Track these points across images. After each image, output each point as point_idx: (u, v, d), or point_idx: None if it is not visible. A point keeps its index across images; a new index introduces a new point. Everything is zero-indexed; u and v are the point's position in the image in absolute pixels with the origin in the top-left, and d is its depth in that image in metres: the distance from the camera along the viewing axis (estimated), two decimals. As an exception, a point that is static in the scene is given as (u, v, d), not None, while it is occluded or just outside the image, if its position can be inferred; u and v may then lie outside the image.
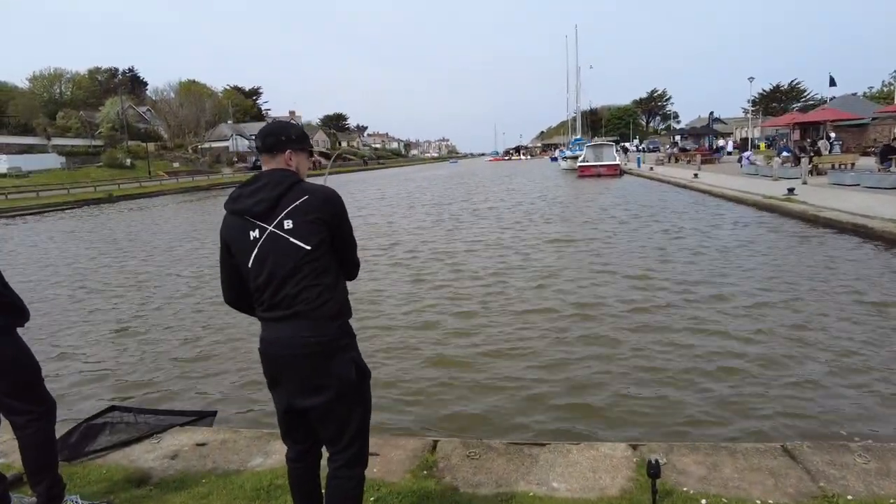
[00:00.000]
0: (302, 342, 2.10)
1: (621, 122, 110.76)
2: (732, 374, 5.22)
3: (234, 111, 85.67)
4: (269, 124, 2.35)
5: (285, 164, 2.23)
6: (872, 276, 8.31)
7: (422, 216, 20.24)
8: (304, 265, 2.09)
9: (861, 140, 38.80)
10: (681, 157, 44.03)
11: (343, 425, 2.23)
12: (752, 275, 8.85)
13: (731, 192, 20.04)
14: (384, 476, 3.17)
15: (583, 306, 7.60)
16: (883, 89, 53.03)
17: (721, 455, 3.28)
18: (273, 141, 2.22)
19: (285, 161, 2.23)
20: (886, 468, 3.03)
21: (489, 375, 5.49)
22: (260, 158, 2.27)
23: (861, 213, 12.83)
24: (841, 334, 6.04)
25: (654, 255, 10.77)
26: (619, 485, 3.03)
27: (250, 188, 2.16)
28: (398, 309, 7.95)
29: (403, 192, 33.82)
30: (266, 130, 2.27)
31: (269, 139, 2.23)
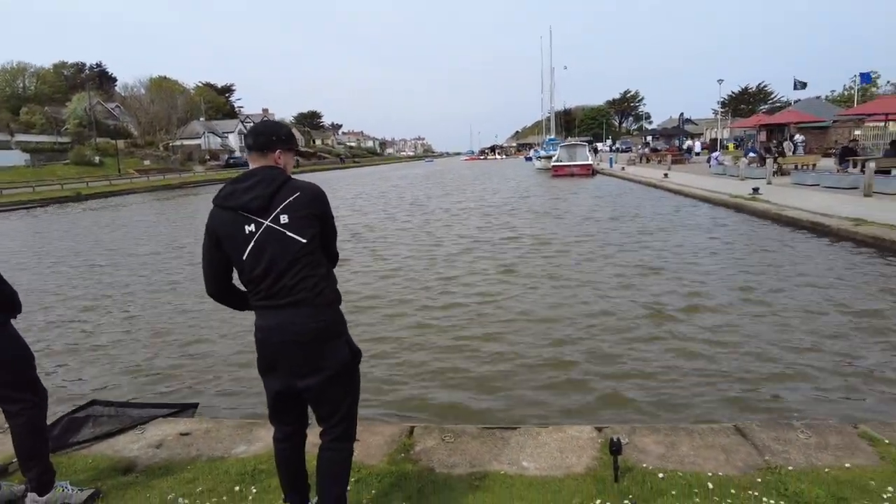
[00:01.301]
0: (303, 328, 2.27)
1: (595, 122, 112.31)
2: (696, 357, 5.52)
3: (207, 108, 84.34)
4: (260, 123, 2.48)
5: (274, 162, 2.37)
6: (827, 269, 8.75)
7: (404, 215, 20.36)
8: (301, 257, 2.26)
9: (823, 142, 40.16)
10: (652, 157, 44.90)
11: (336, 404, 2.43)
12: (715, 268, 9.24)
13: (700, 191, 20.62)
14: (364, 459, 3.34)
15: (556, 307, 7.86)
16: (844, 93, 54.88)
17: (679, 435, 3.53)
18: (264, 140, 2.36)
19: (274, 159, 2.37)
20: (825, 442, 3.32)
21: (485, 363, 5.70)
22: (247, 155, 2.42)
23: (820, 211, 13.39)
24: (799, 320, 6.40)
25: (627, 248, 11.12)
26: (584, 463, 3.25)
27: (244, 185, 2.28)
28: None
29: (387, 190, 33.86)
30: (257, 130, 2.41)
31: (260, 138, 2.36)
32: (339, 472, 2.49)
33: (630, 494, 2.85)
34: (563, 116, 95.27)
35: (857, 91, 46.91)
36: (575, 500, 2.86)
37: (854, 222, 11.52)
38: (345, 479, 2.52)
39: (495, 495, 2.94)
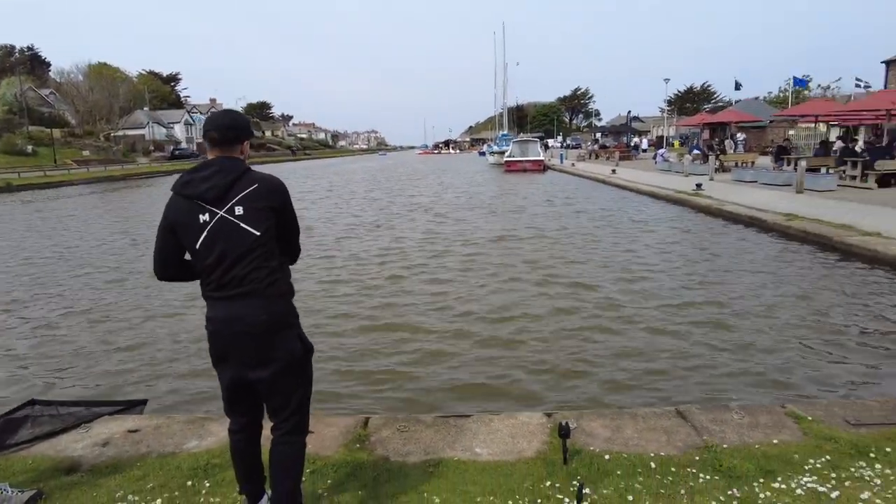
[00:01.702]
0: (254, 319, 2.27)
1: (546, 118, 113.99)
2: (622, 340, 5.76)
3: (151, 98, 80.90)
4: (222, 117, 2.42)
5: (238, 154, 2.38)
6: (762, 260, 9.26)
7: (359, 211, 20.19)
8: (254, 249, 2.25)
9: (761, 140, 42.14)
10: (601, 153, 46.04)
11: (287, 396, 2.43)
12: (658, 260, 9.62)
13: (646, 186, 21.32)
14: (319, 451, 3.35)
15: (503, 308, 8.01)
16: (779, 94, 57.60)
17: (624, 419, 3.70)
18: (234, 135, 2.36)
19: (240, 150, 2.39)
20: (756, 421, 3.55)
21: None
22: (209, 148, 2.37)
23: (757, 207, 14.11)
24: (734, 305, 6.76)
25: (578, 243, 11.42)
26: (535, 448, 3.37)
27: (202, 174, 2.28)
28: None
29: (340, 184, 33.44)
30: (224, 123, 2.36)
31: (230, 132, 2.35)
32: (292, 466, 2.49)
33: (578, 475, 2.98)
34: (516, 112, 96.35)
35: (791, 93, 49.37)
36: (526, 482, 2.96)
37: (787, 217, 12.20)
38: (298, 473, 2.52)
39: (449, 481, 3.01)
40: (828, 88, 55.54)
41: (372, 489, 2.95)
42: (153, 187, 34.78)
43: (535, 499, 2.82)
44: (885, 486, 2.84)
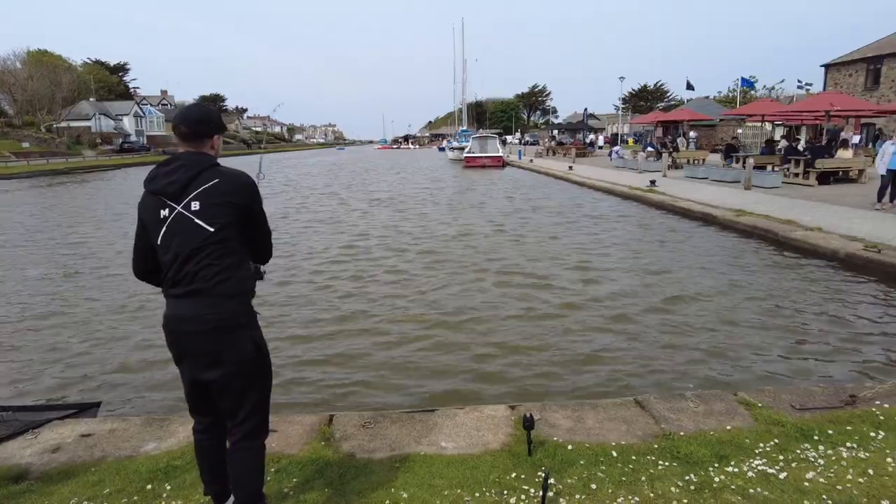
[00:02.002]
0: (202, 318, 2.21)
1: (504, 115, 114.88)
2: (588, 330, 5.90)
3: (98, 88, 77.46)
4: (192, 111, 2.37)
5: (209, 148, 2.34)
6: (712, 253, 9.62)
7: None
8: (206, 246, 2.20)
9: (711, 139, 43.60)
10: (558, 150, 46.72)
11: (241, 399, 2.36)
12: (615, 254, 9.87)
13: (602, 183, 21.77)
14: (283, 449, 3.32)
15: (458, 311, 8.07)
16: (728, 94, 59.65)
17: (585, 410, 3.79)
18: (205, 129, 2.31)
19: (211, 145, 2.34)
20: (710, 409, 3.70)
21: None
22: (179, 143, 2.32)
23: (708, 203, 14.62)
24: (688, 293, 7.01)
25: (537, 237, 11.58)
26: (499, 440, 3.42)
27: (167, 168, 2.25)
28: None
29: (298, 179, 32.86)
30: (194, 117, 2.31)
31: (201, 127, 2.30)
32: (252, 472, 2.43)
33: (543, 466, 3.04)
34: (475, 108, 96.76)
35: (739, 93, 51.23)
36: (493, 474, 3.01)
37: (736, 213, 12.68)
38: (258, 478, 2.46)
39: (416, 475, 3.03)
40: (772, 89, 57.90)
41: (339, 486, 2.94)
42: (102, 181, 33.41)
43: (502, 490, 2.87)
44: (827, 465, 3.01)
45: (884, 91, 32.06)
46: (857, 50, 35.28)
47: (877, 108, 24.14)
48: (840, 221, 11.10)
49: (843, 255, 8.87)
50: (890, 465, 3.01)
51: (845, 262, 8.73)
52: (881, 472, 2.95)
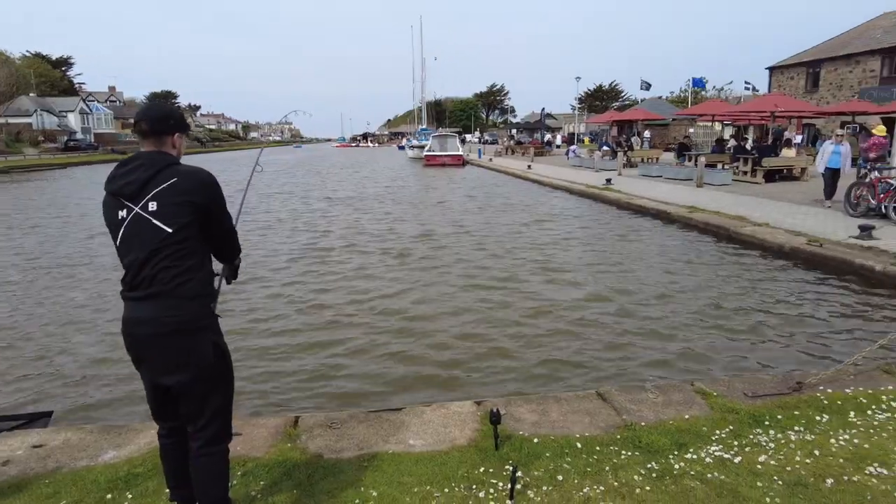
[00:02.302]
0: (160, 322, 2.16)
1: (464, 113, 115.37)
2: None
3: (39, 83, 73.80)
4: (152, 106, 2.34)
5: (171, 147, 2.28)
6: (667, 248, 9.93)
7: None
8: (164, 247, 2.14)
9: (665, 138, 44.88)
10: (517, 149, 47.26)
11: (203, 404, 2.32)
12: (573, 250, 10.08)
13: (560, 181, 22.15)
14: (249, 452, 3.27)
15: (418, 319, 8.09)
16: (681, 94, 61.52)
17: (549, 403, 3.87)
18: (163, 126, 2.25)
19: (172, 143, 2.29)
20: (669, 399, 3.84)
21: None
22: (140, 141, 2.27)
23: (662, 200, 15.06)
24: (644, 287, 7.22)
25: (500, 234, 11.71)
26: (467, 435, 3.45)
27: (125, 169, 2.19)
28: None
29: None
30: (154, 114, 2.27)
31: (159, 124, 2.25)
32: (215, 478, 2.40)
33: (510, 460, 3.09)
34: (434, 107, 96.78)
35: (690, 93, 52.89)
36: (461, 469, 3.04)
37: (689, 210, 13.11)
38: (223, 483, 2.43)
39: (384, 473, 3.04)
40: (721, 90, 60.00)
41: (307, 487, 2.92)
42: (45, 181, 31.90)
43: (471, 485, 2.90)
44: (777, 449, 3.17)
45: (822, 93, 33.65)
46: (798, 54, 36.92)
47: (816, 110, 25.36)
48: (785, 217, 11.63)
49: (789, 249, 9.30)
50: (833, 445, 3.19)
51: (791, 256, 9.16)
52: (826, 452, 3.12)
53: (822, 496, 2.73)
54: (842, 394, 3.87)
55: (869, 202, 11.40)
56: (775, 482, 2.85)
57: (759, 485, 2.83)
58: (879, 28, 33.02)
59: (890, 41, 29.51)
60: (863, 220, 10.52)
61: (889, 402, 3.74)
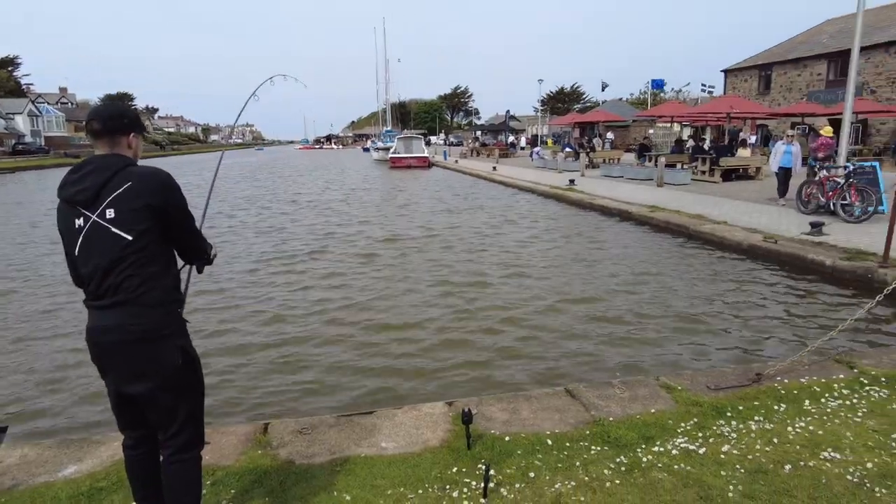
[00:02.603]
0: (125, 330, 2.11)
1: (428, 115, 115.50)
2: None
3: (-18, 84, 70.71)
4: (105, 105, 2.27)
5: (126, 147, 2.21)
6: (631, 247, 10.16)
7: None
8: (127, 255, 2.08)
9: (625, 139, 45.83)
10: (482, 150, 47.55)
11: (172, 411, 2.27)
12: (539, 250, 10.21)
13: (524, 182, 22.39)
14: (219, 461, 3.21)
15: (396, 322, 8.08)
16: (640, 96, 62.98)
17: (519, 402, 3.92)
18: (116, 124, 2.17)
19: (127, 143, 2.21)
20: (636, 395, 3.93)
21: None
22: (92, 143, 2.18)
23: (624, 200, 15.38)
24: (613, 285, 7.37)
25: (467, 236, 11.77)
26: (439, 436, 3.47)
27: (77, 175, 2.11)
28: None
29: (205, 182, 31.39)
30: (107, 113, 2.18)
31: (111, 122, 2.16)
32: (188, 486, 2.35)
33: (483, 459, 3.12)
34: (399, 109, 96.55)
35: (649, 95, 54.17)
36: (434, 470, 3.05)
37: (650, 209, 13.43)
38: (196, 490, 2.38)
39: (357, 477, 3.02)
40: (679, 92, 61.67)
41: (279, 494, 2.89)
42: (-9, 187, 30.53)
43: (444, 485, 2.92)
44: (739, 438, 3.28)
45: (774, 95, 34.94)
46: (751, 57, 38.26)
47: (769, 111, 26.31)
48: (742, 215, 12.03)
49: (746, 245, 9.62)
50: (791, 433, 3.32)
51: (748, 252, 9.48)
52: (784, 440, 3.25)
53: (782, 481, 2.85)
54: (797, 383, 4.04)
55: (819, 200, 11.89)
56: (738, 470, 2.95)
57: (722, 474, 2.92)
58: (825, 34, 34.49)
59: (835, 46, 30.84)
60: (813, 216, 10.98)
61: (840, 389, 3.92)
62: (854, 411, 3.60)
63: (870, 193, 10.86)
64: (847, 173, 11.32)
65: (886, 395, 3.83)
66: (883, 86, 27.83)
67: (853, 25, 12.61)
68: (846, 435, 3.30)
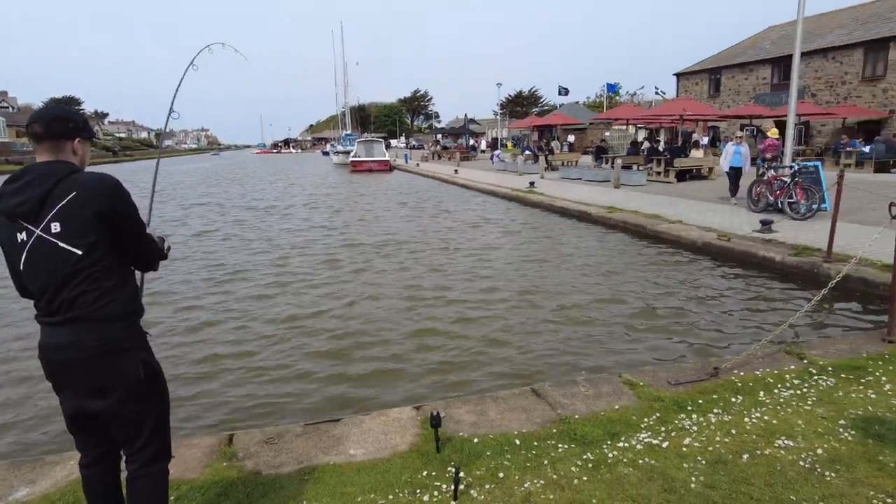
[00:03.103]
0: (81, 346, 2.01)
1: (389, 119, 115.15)
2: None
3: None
4: (49, 108, 2.13)
5: (71, 153, 2.09)
6: (589, 248, 10.37)
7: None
8: (79, 271, 1.98)
9: (583, 141, 46.71)
10: (443, 154, 47.71)
11: (137, 425, 2.20)
12: (501, 250, 10.32)
13: (486, 185, 22.58)
14: (182, 474, 3.12)
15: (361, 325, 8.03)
16: (596, 99, 64.34)
17: (486, 403, 3.95)
18: (60, 128, 2.05)
19: (72, 149, 2.10)
20: (600, 392, 4.02)
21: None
22: (35, 149, 2.06)
23: (583, 201, 15.67)
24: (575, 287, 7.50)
25: (428, 239, 11.78)
26: (408, 441, 3.46)
27: (15, 185, 1.97)
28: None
29: (166, 188, 30.50)
30: (49, 115, 2.06)
31: (55, 125, 2.04)
32: (155, 500, 2.27)
33: (452, 461, 3.13)
34: (359, 112, 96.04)
35: (605, 98, 55.40)
36: (404, 475, 3.05)
37: (608, 210, 13.73)
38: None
39: (326, 485, 2.99)
40: (634, 95, 63.21)
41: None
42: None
43: (415, 490, 2.92)
44: (699, 431, 3.39)
45: (724, 98, 36.23)
46: (702, 61, 39.57)
47: (719, 114, 27.27)
48: (696, 214, 12.42)
49: (701, 244, 9.94)
50: (747, 424, 3.46)
51: (703, 250, 9.80)
52: (741, 430, 3.38)
53: (740, 470, 2.96)
54: (753, 375, 4.20)
55: (768, 198, 12.40)
56: (699, 462, 3.05)
57: (685, 466, 3.02)
58: (767, 40, 36.02)
59: (777, 52, 32.23)
60: (763, 214, 11.45)
61: (792, 380, 4.09)
62: (804, 400, 3.77)
63: (814, 192, 11.39)
64: (793, 173, 11.84)
65: (833, 383, 4.02)
66: (822, 89, 29.22)
67: (792, 32, 13.19)
68: (798, 423, 3.45)
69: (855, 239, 8.68)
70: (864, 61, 27.10)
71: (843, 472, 2.92)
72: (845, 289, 6.89)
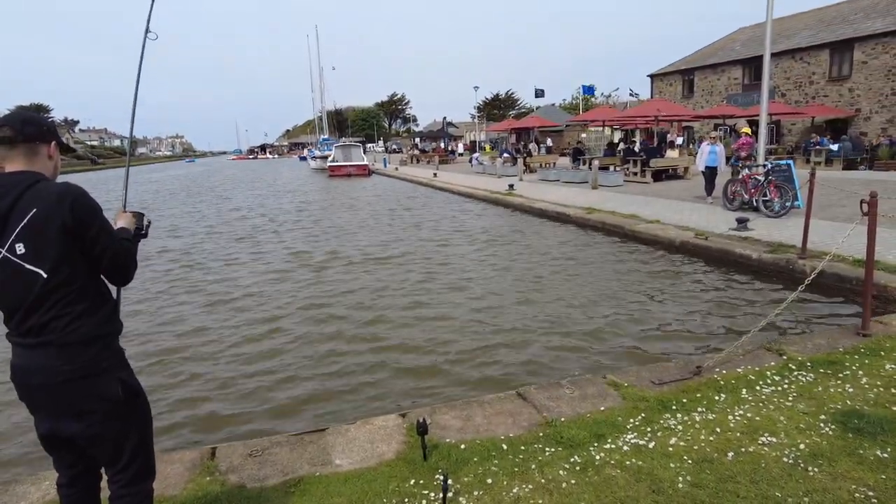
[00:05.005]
0: (52, 371, 1.92)
1: (366, 123, 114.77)
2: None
3: None
4: (15, 112, 2.02)
5: (46, 158, 2.00)
6: (568, 249, 10.43)
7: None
8: (48, 293, 1.88)
9: (560, 143, 47.09)
10: (422, 157, 47.69)
11: (118, 446, 2.13)
12: (479, 253, 10.33)
13: (465, 188, 22.62)
14: (164, 491, 3.04)
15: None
16: (572, 101, 64.90)
17: (472, 408, 3.93)
18: (34, 130, 1.94)
19: (48, 153, 2.00)
20: (585, 394, 4.02)
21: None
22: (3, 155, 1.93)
23: (561, 203, 15.78)
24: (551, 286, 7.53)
25: (409, 243, 11.75)
26: (394, 449, 3.43)
27: None
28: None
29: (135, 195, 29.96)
30: (20, 118, 1.95)
31: (29, 128, 1.93)
32: None
33: (439, 468, 3.10)
34: (336, 116, 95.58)
35: (581, 100, 55.94)
36: (391, 484, 3.01)
37: (586, 211, 13.84)
38: None
39: (313, 497, 2.94)
40: (609, 97, 63.98)
41: (230, 522, 2.77)
42: None
43: (402, 499, 2.88)
44: (684, 430, 3.42)
45: (697, 98, 36.81)
46: (675, 63, 40.16)
47: (693, 114, 27.70)
48: (673, 214, 12.58)
49: (679, 243, 10.07)
50: (731, 421, 3.49)
51: (681, 249, 9.92)
52: (725, 428, 3.41)
53: (726, 468, 2.98)
54: (734, 373, 4.25)
55: (743, 197, 12.61)
56: (685, 461, 3.07)
57: (671, 465, 3.03)
58: (738, 41, 36.72)
59: (747, 53, 32.87)
60: (739, 213, 11.63)
61: (772, 376, 4.15)
62: (785, 396, 3.82)
63: (787, 190, 11.62)
64: (766, 171, 12.07)
65: (812, 378, 4.09)
66: (791, 89, 29.87)
67: (761, 33, 13.45)
68: (780, 419, 3.49)
69: (828, 235, 8.87)
70: (831, 62, 27.79)
71: (826, 467, 2.96)
72: (820, 284, 7.01)
